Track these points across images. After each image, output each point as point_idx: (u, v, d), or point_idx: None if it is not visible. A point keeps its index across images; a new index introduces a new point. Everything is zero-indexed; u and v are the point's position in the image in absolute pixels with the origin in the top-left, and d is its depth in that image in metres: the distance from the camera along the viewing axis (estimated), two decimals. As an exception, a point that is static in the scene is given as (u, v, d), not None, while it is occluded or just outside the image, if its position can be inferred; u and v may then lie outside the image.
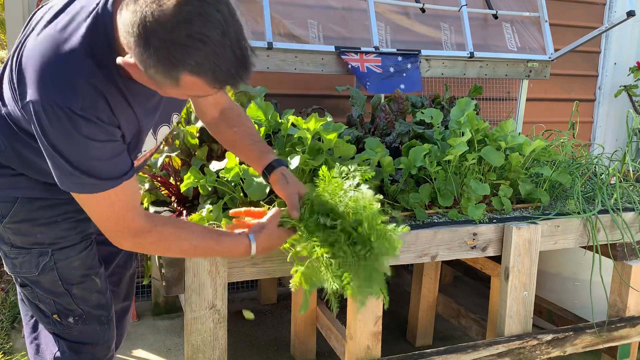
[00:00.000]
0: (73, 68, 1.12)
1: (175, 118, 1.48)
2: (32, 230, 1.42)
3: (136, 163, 1.43)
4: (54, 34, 1.15)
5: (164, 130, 1.46)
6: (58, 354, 1.55)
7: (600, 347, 2.29)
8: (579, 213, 2.18)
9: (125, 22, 1.04)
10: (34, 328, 1.61)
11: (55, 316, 1.52)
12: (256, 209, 1.62)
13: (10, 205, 1.39)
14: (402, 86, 3.01)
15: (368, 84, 2.90)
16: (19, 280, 1.51)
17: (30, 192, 1.41)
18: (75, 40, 1.14)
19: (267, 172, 1.58)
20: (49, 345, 1.57)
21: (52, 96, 1.11)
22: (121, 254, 1.74)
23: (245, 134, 1.63)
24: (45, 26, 1.18)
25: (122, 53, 1.12)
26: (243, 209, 1.63)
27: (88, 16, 1.15)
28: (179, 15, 0.99)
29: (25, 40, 1.22)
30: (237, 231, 1.48)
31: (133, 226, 1.29)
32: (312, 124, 1.82)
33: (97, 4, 1.16)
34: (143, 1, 1.01)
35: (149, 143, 1.42)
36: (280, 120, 2.02)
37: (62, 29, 1.15)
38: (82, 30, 1.14)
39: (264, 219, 1.51)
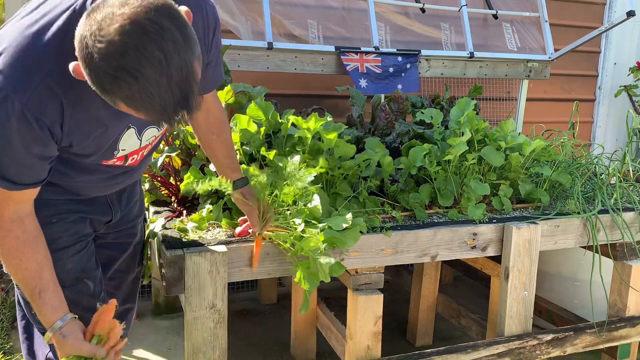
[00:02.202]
0: (35, 64, 1.11)
1: None
2: None
3: (117, 162, 1.40)
4: (29, 24, 1.13)
5: (151, 132, 1.43)
6: (50, 354, 1.54)
7: (600, 347, 2.29)
8: (579, 213, 2.18)
9: (76, 32, 1.01)
10: (26, 328, 1.60)
11: None
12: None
13: None
14: (400, 86, 3.01)
15: (366, 84, 2.91)
16: (19, 289, 1.49)
17: None
18: (47, 35, 1.11)
19: (237, 185, 1.67)
20: (41, 345, 1.56)
21: (5, 82, 1.09)
22: (122, 259, 1.71)
23: (222, 145, 1.65)
24: (25, 16, 1.16)
25: None
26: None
27: (65, 10, 1.13)
28: (114, 45, 0.94)
29: (4, 24, 1.21)
30: (65, 313, 1.32)
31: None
32: (312, 123, 1.82)
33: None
34: (93, 18, 0.97)
35: (130, 143, 1.38)
36: (280, 120, 2.02)
37: (37, 20, 1.13)
38: (57, 25, 1.12)
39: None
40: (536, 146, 2.16)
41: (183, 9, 1.06)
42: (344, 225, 1.68)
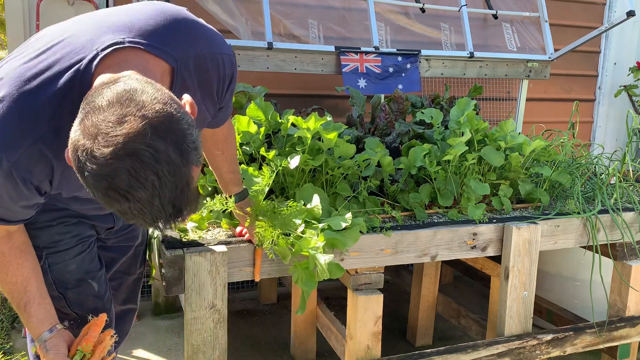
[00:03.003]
0: (30, 126, 1.08)
1: None
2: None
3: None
4: (30, 77, 1.10)
5: None
6: None
7: (600, 347, 2.29)
8: (579, 213, 2.18)
9: (71, 133, 0.96)
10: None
11: None
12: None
13: None
14: (400, 86, 3.01)
15: (365, 85, 2.91)
16: None
17: None
18: (46, 94, 1.09)
19: (239, 196, 1.69)
20: None
21: None
22: (123, 260, 1.70)
23: (226, 160, 1.65)
24: (28, 61, 1.12)
25: None
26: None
27: (69, 68, 1.10)
28: (106, 169, 0.91)
29: (6, 60, 1.18)
30: (54, 325, 1.32)
31: None
32: (312, 123, 1.82)
33: (83, 58, 1.10)
34: (88, 127, 0.93)
35: None
36: (280, 120, 2.02)
37: (40, 72, 1.10)
38: (57, 85, 1.09)
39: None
40: (536, 146, 2.16)
41: (187, 99, 1.04)
42: (344, 225, 1.68)
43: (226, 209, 1.63)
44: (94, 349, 1.28)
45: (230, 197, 1.66)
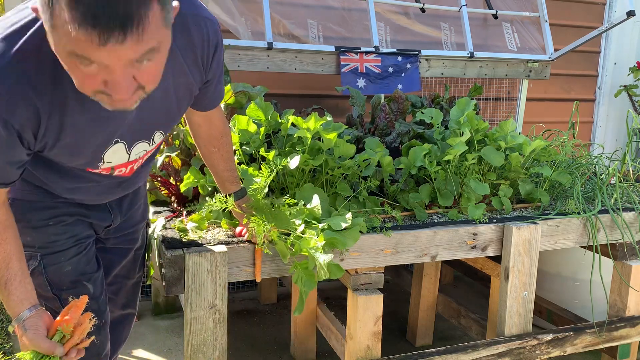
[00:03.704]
0: (10, 65, 1.07)
1: (158, 136, 1.40)
2: (23, 231, 1.36)
3: (103, 172, 1.37)
4: (8, 25, 1.09)
5: (142, 147, 1.38)
6: None
7: (600, 347, 2.29)
8: (579, 213, 2.18)
9: None
10: None
11: None
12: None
13: None
14: (400, 86, 3.02)
15: (364, 84, 2.91)
16: None
17: (21, 194, 1.38)
18: (26, 35, 1.07)
19: (238, 195, 1.68)
20: None
21: None
22: (122, 264, 1.67)
23: (222, 158, 1.64)
24: (7, 17, 1.12)
25: None
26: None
27: None
28: None
29: None
30: (31, 305, 1.27)
31: None
32: (312, 123, 1.82)
33: None
34: None
35: (117, 156, 1.34)
36: (280, 120, 2.02)
37: (17, 21, 1.09)
38: (37, 26, 1.07)
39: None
40: (536, 146, 2.16)
41: (175, 4, 1.03)
42: (344, 225, 1.68)
43: (226, 208, 1.63)
44: (74, 331, 1.25)
45: (229, 195, 1.66)
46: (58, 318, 1.25)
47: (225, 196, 1.64)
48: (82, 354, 1.26)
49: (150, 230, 1.84)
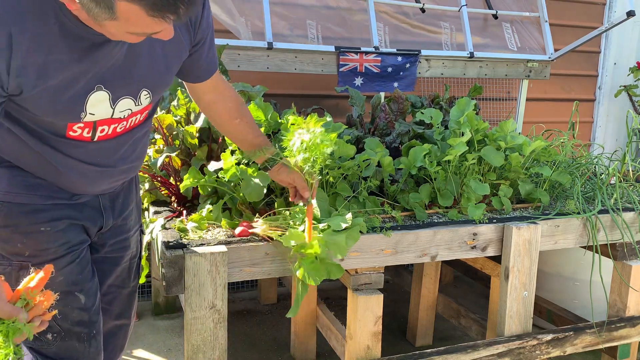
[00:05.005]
0: None
1: (144, 95, 1.35)
2: (12, 237, 1.33)
3: (85, 132, 1.31)
4: None
5: (126, 104, 1.32)
6: None
7: (600, 347, 2.29)
8: (578, 213, 2.18)
9: None
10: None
11: None
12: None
13: None
14: (396, 84, 3.02)
15: (361, 82, 2.91)
16: None
17: (12, 197, 1.33)
18: None
19: (268, 164, 1.66)
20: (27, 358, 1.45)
21: None
22: (117, 274, 1.60)
23: (248, 127, 1.63)
24: None
25: None
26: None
27: None
28: None
29: None
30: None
31: None
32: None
33: None
34: None
35: (101, 108, 1.28)
36: (279, 120, 2.01)
37: None
38: None
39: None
40: (536, 146, 2.16)
41: None
42: (344, 225, 1.68)
43: (225, 209, 1.62)
44: (35, 301, 1.15)
45: (268, 167, 1.65)
46: (20, 287, 1.17)
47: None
48: (45, 325, 1.18)
49: (148, 231, 1.84)
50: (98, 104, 1.27)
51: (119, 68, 1.26)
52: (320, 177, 1.66)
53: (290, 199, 1.70)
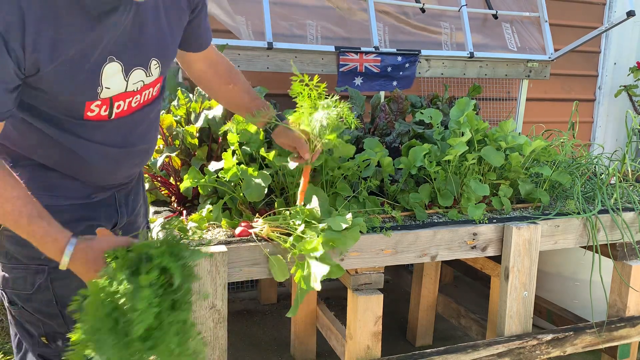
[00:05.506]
0: None
1: (154, 65, 1.36)
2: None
3: (103, 110, 1.30)
4: None
5: (138, 75, 1.33)
6: None
7: (600, 347, 2.29)
8: (578, 213, 2.18)
9: None
10: (19, 346, 1.46)
11: (43, 338, 1.39)
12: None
13: None
14: (395, 83, 3.03)
15: (361, 82, 2.91)
16: (6, 296, 1.36)
17: None
18: None
19: (270, 127, 1.69)
20: None
21: None
22: None
23: (242, 91, 1.63)
24: None
25: None
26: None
27: None
28: None
29: None
30: (62, 232, 1.20)
31: None
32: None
33: None
34: None
35: (115, 81, 1.28)
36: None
37: None
38: None
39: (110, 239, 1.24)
40: (536, 146, 2.16)
41: None
42: (344, 226, 1.68)
43: (225, 209, 1.62)
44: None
45: (269, 130, 1.67)
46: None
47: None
48: None
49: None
50: (112, 76, 1.27)
51: (127, 37, 1.27)
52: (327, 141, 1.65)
53: (289, 160, 1.73)
